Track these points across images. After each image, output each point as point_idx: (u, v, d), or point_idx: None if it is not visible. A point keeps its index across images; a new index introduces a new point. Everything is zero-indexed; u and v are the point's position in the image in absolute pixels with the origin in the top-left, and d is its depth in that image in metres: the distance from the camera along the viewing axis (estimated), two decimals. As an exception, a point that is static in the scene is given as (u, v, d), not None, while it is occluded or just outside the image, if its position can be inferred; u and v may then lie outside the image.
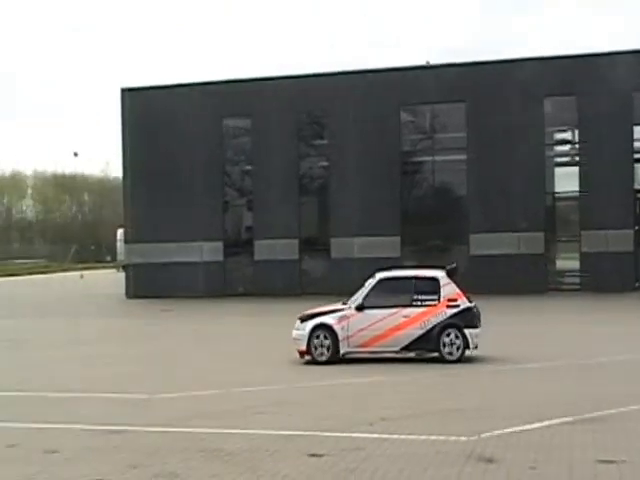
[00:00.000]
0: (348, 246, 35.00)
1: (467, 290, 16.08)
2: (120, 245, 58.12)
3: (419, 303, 15.61)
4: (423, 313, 15.52)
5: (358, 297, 16.05)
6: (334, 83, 35.77)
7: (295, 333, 16.00)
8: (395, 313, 15.57)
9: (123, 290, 37.65)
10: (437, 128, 35.83)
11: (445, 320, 15.40)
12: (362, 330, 15.62)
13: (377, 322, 15.58)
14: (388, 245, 34.39)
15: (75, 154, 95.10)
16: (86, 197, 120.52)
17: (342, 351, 15.71)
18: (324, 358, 15.64)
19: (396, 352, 15.66)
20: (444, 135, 35.76)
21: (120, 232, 56.99)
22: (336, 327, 15.68)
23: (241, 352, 18.20)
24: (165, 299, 33.93)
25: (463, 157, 34.71)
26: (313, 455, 8.67)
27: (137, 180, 37.73)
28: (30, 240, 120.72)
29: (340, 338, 15.65)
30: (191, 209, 36.38)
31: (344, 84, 35.60)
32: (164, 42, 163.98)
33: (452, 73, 34.81)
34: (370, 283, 16.25)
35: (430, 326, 15.39)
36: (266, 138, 36.11)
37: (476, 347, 15.51)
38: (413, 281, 16.04)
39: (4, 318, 28.84)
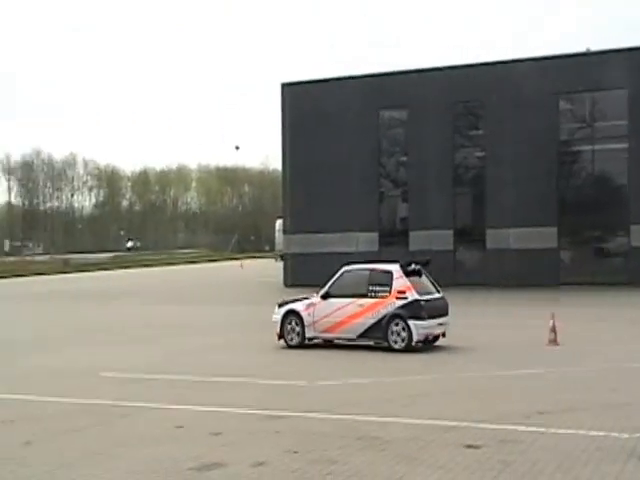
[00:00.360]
0: (504, 237, 34.51)
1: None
2: (279, 235, 59.43)
3: (373, 294, 16.59)
4: (375, 303, 16.49)
5: (325, 287, 17.25)
6: (490, 73, 35.29)
7: (273, 317, 17.64)
8: (353, 302, 16.69)
9: (281, 279, 38.55)
10: (597, 116, 34.67)
11: (393, 311, 16.23)
12: (326, 317, 16.97)
13: (338, 310, 16.84)
14: (545, 236, 33.69)
15: (237, 148, 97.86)
16: (246, 189, 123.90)
17: (308, 335, 17.11)
18: (295, 342, 17.14)
19: (354, 339, 16.75)
20: (604, 123, 34.57)
21: (279, 223, 58.28)
22: (303, 313, 17.17)
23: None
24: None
25: (624, 146, 33.48)
26: (470, 446, 8.70)
27: (296, 172, 38.53)
28: (194, 230, 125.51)
29: (306, 323, 17.10)
30: (347, 200, 36.82)
31: (500, 74, 35.06)
32: (163, 43, 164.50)
33: (612, 59, 33.60)
34: (335, 274, 17.42)
35: (380, 316, 16.33)
36: (421, 129, 36.07)
37: (444, 336, 16.58)
38: (369, 274, 16.96)
39: (170, 304, 30.12)
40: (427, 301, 16.35)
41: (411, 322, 16.01)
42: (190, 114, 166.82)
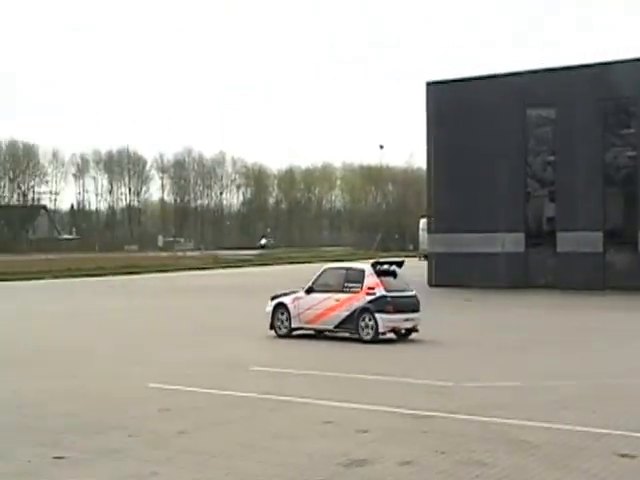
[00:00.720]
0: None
1: None
2: (422, 234, 59.18)
3: (347, 290, 18.60)
4: (349, 298, 18.48)
5: (309, 283, 19.35)
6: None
7: (266, 309, 19.63)
8: (330, 297, 18.72)
9: (425, 278, 38.42)
10: None
11: (363, 305, 18.16)
12: (309, 309, 18.96)
13: (319, 303, 18.85)
14: None
15: (381, 147, 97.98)
16: (390, 187, 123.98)
17: (293, 325, 19.13)
18: (283, 332, 19.15)
19: (332, 329, 18.72)
20: None
21: (423, 221, 58.01)
22: (290, 306, 19.19)
23: (544, 346, 17.99)
24: (465, 288, 34.22)
25: None
26: (624, 456, 8.48)
27: (440, 171, 38.32)
28: (338, 228, 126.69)
29: (292, 315, 19.12)
30: (493, 200, 36.29)
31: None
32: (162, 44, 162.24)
33: None
34: (318, 272, 19.68)
35: (353, 309, 18.30)
36: (570, 128, 35.12)
37: (416, 330, 18.45)
38: (346, 272, 19.19)
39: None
40: (394, 297, 18.22)
41: (377, 315, 17.94)
42: (332, 112, 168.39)
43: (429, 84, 38.88)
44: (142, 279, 48.38)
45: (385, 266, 18.98)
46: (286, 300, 19.38)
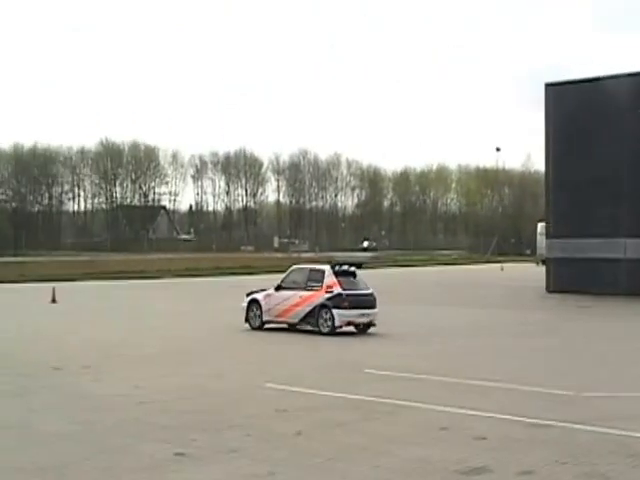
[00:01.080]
0: None
1: None
2: (540, 239, 57.98)
3: (310, 288, 20.82)
4: (311, 295, 20.66)
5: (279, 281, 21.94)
6: None
7: (242, 305, 21.97)
8: (295, 294, 20.92)
9: (542, 284, 37.59)
10: None
11: (322, 301, 20.37)
12: (277, 305, 21.25)
13: (286, 299, 21.09)
14: None
15: (497, 149, 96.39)
16: (507, 190, 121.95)
17: (265, 319, 21.45)
18: (256, 325, 21.48)
19: (297, 323, 20.93)
20: None
21: (540, 226, 56.85)
22: (262, 302, 21.50)
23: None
24: (583, 295, 33.30)
25: None
26: None
27: (559, 174, 37.38)
28: (453, 232, 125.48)
29: (264, 310, 21.39)
30: (614, 204, 35.14)
31: None
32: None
33: None
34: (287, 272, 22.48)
35: (314, 305, 20.52)
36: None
37: (374, 325, 20.67)
38: (309, 271, 21.55)
39: (431, 304, 30.30)
40: (350, 295, 20.33)
41: (334, 311, 20.10)
42: (445, 114, 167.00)
43: (548, 85, 38.00)
44: (258, 279, 49.07)
45: (344, 267, 21.52)
46: (259, 297, 21.69)
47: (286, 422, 10.56)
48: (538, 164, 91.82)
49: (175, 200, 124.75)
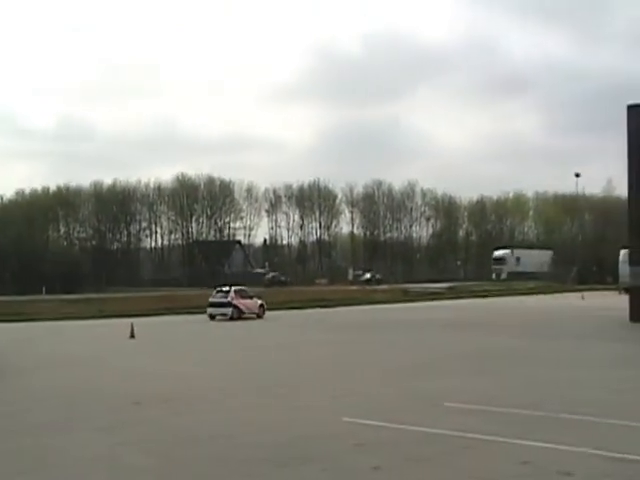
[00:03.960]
0: None
1: None
2: (623, 266, 56.48)
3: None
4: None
5: None
6: None
7: None
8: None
9: (626, 313, 36.51)
10: None
11: None
12: None
13: None
14: None
15: (577, 175, 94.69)
16: (587, 217, 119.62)
17: None
18: None
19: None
20: None
21: (623, 253, 55.35)
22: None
23: None
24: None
25: None
26: None
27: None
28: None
29: None
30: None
31: None
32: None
33: None
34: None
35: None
36: None
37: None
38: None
39: (509, 335, 29.69)
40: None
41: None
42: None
43: (631, 107, 37.14)
44: (335, 312, 49.00)
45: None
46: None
47: (364, 456, 10.40)
48: (620, 189, 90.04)
49: (250, 234, 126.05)
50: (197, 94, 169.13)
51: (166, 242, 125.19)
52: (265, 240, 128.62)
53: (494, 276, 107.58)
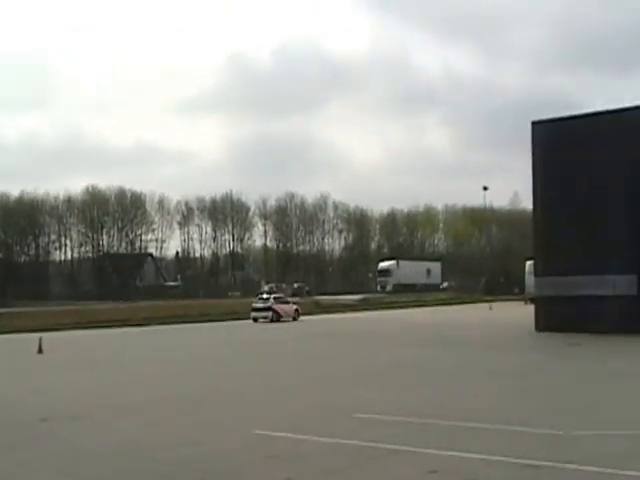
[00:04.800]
0: None
1: None
2: (529, 277, 57.97)
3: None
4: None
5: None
6: None
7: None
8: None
9: (531, 323, 37.49)
10: None
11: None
12: None
13: None
14: None
15: (485, 188, 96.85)
16: (495, 229, 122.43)
17: None
18: None
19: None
20: None
21: (529, 264, 56.84)
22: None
23: None
24: (573, 333, 33.18)
25: None
26: None
27: (547, 211, 37.46)
28: (442, 272, 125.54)
29: None
30: (603, 241, 35.23)
31: None
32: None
33: None
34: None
35: None
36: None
37: None
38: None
39: (419, 348, 30.14)
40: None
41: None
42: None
43: (535, 123, 38.27)
44: (248, 325, 48.91)
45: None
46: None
47: (276, 469, 10.43)
48: (526, 202, 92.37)
49: (162, 247, 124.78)
50: (106, 104, 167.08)
51: (76, 255, 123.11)
52: (177, 253, 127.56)
53: (379, 288, 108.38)
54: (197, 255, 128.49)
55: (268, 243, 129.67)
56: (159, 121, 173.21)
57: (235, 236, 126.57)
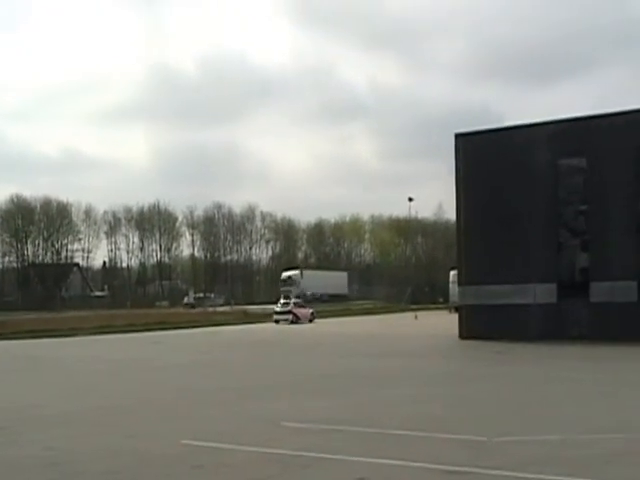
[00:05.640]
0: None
1: None
2: (452, 287, 58.90)
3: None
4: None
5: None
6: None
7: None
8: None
9: (456, 331, 38.12)
10: None
11: None
12: None
13: None
14: None
15: (410, 199, 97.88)
16: (420, 240, 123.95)
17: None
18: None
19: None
20: None
21: (453, 274, 57.79)
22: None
23: (578, 398, 17.72)
24: (496, 341, 33.87)
25: None
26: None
27: (470, 222, 38.21)
28: (368, 282, 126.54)
29: None
30: (524, 251, 36.10)
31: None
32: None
33: None
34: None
35: None
36: (601, 176, 34.99)
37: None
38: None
39: (346, 356, 30.37)
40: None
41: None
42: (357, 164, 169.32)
43: (458, 135, 39.01)
44: (178, 334, 48.49)
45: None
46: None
47: (202, 479, 10.39)
48: (450, 213, 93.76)
49: (88, 257, 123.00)
50: (29, 110, 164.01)
51: (0, 265, 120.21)
52: (104, 262, 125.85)
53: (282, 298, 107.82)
54: (124, 265, 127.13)
55: (196, 253, 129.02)
56: (85, 130, 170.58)
57: (163, 246, 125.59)
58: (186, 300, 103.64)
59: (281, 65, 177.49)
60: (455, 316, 41.36)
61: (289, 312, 62.58)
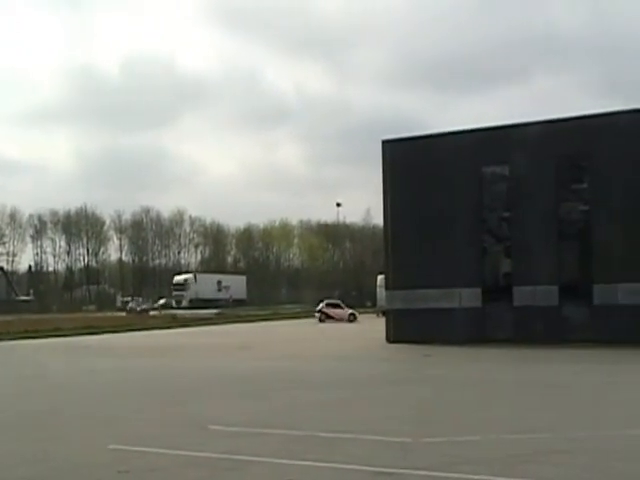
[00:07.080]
0: (612, 293, 33.71)
1: None
2: (380, 291, 59.46)
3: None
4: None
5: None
6: (593, 124, 34.76)
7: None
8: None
9: (383, 335, 38.51)
10: None
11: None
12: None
13: None
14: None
15: (338, 204, 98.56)
16: (348, 245, 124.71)
17: None
18: None
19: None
20: None
21: (380, 278, 58.33)
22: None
23: (503, 399, 18.14)
24: (423, 344, 34.34)
25: None
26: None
27: (397, 227, 38.65)
28: (297, 286, 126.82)
29: None
30: (450, 256, 36.70)
31: (604, 124, 34.48)
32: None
33: None
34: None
35: None
36: (523, 184, 35.80)
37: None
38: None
39: (276, 359, 30.43)
40: None
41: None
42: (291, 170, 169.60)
43: (385, 142, 39.47)
44: (106, 339, 47.87)
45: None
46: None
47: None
48: (378, 218, 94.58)
49: (13, 261, 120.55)
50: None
51: None
52: (30, 267, 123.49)
53: (174, 303, 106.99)
54: (51, 269, 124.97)
55: (124, 257, 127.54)
56: (9, 132, 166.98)
57: (90, 250, 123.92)
58: (132, 305, 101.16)
59: (208, 70, 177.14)
60: (383, 320, 41.76)
61: (319, 311, 69.45)
